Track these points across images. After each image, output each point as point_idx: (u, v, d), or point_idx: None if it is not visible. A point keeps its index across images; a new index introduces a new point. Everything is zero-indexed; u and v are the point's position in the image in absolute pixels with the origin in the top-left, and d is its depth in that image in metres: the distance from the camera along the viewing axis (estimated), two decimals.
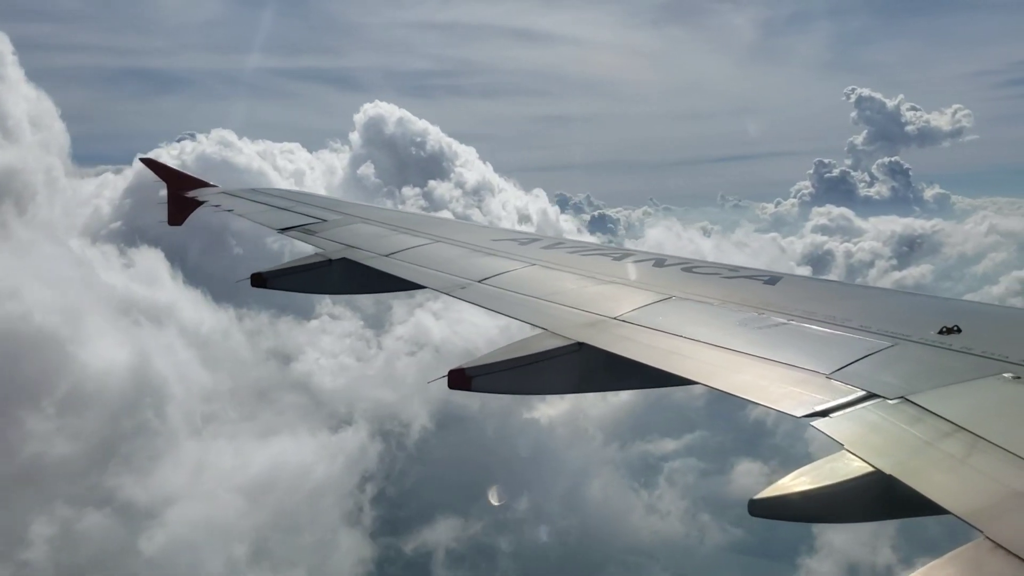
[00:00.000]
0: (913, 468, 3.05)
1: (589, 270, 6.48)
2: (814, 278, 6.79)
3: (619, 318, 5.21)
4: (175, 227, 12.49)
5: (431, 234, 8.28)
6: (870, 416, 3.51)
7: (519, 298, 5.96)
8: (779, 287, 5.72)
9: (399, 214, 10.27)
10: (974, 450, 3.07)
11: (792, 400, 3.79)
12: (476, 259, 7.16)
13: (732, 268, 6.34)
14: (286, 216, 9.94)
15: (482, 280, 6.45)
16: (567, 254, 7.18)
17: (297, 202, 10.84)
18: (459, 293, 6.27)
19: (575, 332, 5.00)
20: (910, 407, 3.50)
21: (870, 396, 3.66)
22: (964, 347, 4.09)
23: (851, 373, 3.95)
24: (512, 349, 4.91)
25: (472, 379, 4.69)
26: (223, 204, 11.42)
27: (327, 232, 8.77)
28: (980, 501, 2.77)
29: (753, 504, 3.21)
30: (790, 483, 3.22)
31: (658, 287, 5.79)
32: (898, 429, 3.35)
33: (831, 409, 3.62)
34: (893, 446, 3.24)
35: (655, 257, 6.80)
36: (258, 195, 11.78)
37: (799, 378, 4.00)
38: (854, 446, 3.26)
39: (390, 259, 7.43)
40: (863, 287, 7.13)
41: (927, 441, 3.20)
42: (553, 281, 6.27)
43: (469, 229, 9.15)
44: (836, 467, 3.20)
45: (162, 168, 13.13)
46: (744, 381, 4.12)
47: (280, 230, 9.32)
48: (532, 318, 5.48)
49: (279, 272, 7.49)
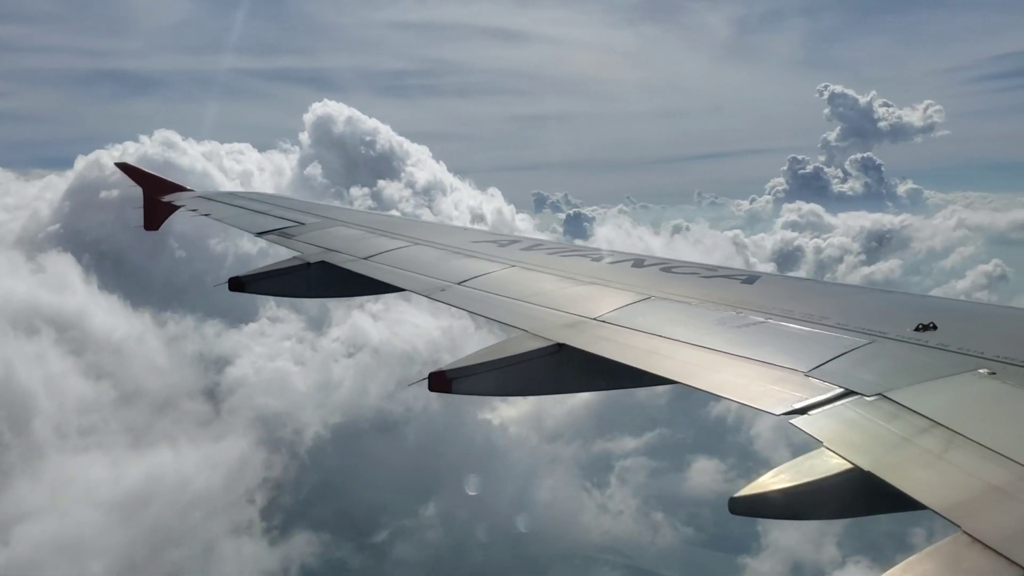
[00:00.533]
0: (891, 464, 3.07)
1: (568, 271, 6.48)
2: (792, 277, 6.84)
3: (598, 319, 5.21)
4: (151, 231, 12.39)
5: (410, 237, 8.25)
6: (848, 413, 3.53)
7: (498, 300, 5.95)
8: (757, 286, 5.75)
9: (377, 217, 10.24)
10: (951, 446, 3.09)
11: (771, 398, 3.80)
12: (455, 261, 7.15)
13: (710, 268, 6.36)
14: (263, 220, 9.87)
15: (461, 282, 6.44)
16: (546, 255, 7.18)
17: (275, 205, 10.78)
18: (438, 295, 6.24)
19: (555, 333, 4.99)
20: (887, 404, 3.52)
21: (848, 393, 3.68)
22: (940, 344, 4.12)
23: (829, 371, 3.97)
24: (492, 351, 4.90)
25: (452, 381, 4.67)
26: (199, 208, 11.33)
27: (305, 235, 8.73)
28: (957, 496, 2.79)
29: (734, 502, 3.21)
30: (769, 481, 3.23)
31: (637, 287, 5.80)
32: (876, 426, 3.37)
33: (809, 407, 3.63)
34: (871, 443, 3.26)
35: (634, 257, 6.81)
36: (235, 199, 11.71)
37: (777, 376, 4.02)
38: (832, 443, 3.27)
39: (369, 262, 7.40)
40: (840, 285, 7.18)
41: (904, 437, 3.22)
42: (532, 282, 6.27)
43: (448, 231, 9.14)
44: (815, 464, 3.21)
45: (137, 172, 13.00)
46: (723, 380, 4.13)
47: (258, 234, 9.26)
48: (512, 319, 5.47)
49: (257, 276, 7.44)
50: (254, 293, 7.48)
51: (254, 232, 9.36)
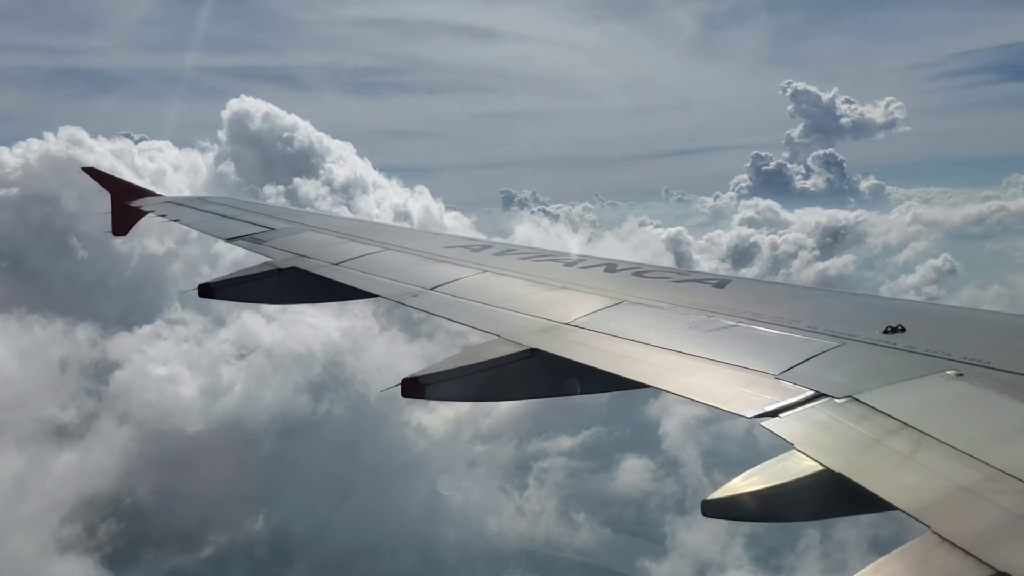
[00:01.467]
0: (861, 466, 3.10)
1: (541, 276, 6.48)
2: (762, 280, 6.88)
3: (571, 323, 5.21)
4: (120, 236, 12.25)
5: (381, 242, 8.21)
6: (819, 415, 3.55)
7: (472, 305, 5.93)
8: (728, 290, 5.78)
9: (349, 222, 10.18)
10: (920, 447, 3.12)
11: (742, 401, 3.82)
12: (428, 266, 7.12)
13: (682, 272, 6.39)
14: (233, 225, 9.78)
15: (434, 287, 6.41)
16: (519, 260, 7.17)
17: (245, 211, 10.67)
18: (411, 301, 6.21)
19: (528, 338, 4.99)
20: (857, 406, 3.55)
21: (818, 396, 3.71)
22: (908, 346, 4.17)
23: (799, 373, 3.99)
24: (466, 356, 4.88)
25: (426, 387, 4.65)
26: (168, 214, 11.21)
27: (276, 241, 8.65)
28: (927, 496, 2.82)
29: (706, 505, 3.22)
30: (741, 483, 3.24)
31: (609, 292, 5.81)
32: (846, 428, 3.40)
33: (780, 409, 3.65)
34: (842, 444, 3.28)
35: (606, 262, 6.83)
36: (206, 204, 11.58)
37: (748, 379, 4.04)
38: (804, 445, 3.29)
39: (340, 267, 7.35)
40: (810, 288, 7.27)
41: (874, 439, 3.25)
42: (505, 287, 6.26)
43: (420, 236, 9.10)
44: (787, 466, 3.23)
45: (105, 178, 12.84)
46: (694, 383, 4.15)
47: (227, 239, 9.16)
48: (485, 325, 5.46)
49: (227, 282, 7.36)
50: (224, 299, 7.40)
51: (224, 238, 9.26)
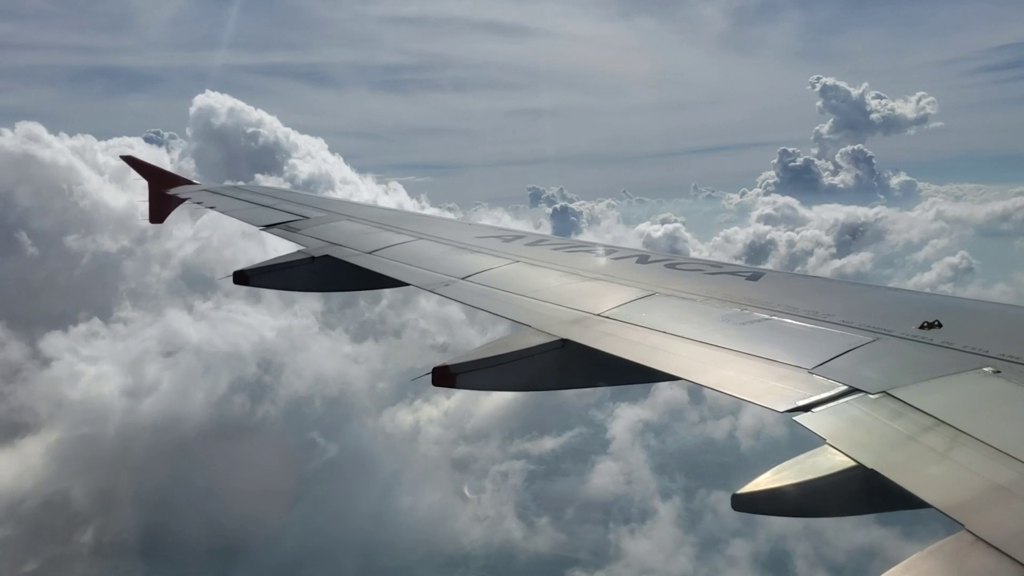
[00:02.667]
0: (895, 462, 3.07)
1: (572, 267, 6.48)
2: (797, 274, 6.82)
3: (602, 315, 5.21)
4: (156, 224, 12.44)
5: (415, 231, 8.25)
6: (852, 411, 3.52)
7: (502, 295, 5.95)
8: (761, 283, 5.74)
9: (383, 211, 10.24)
10: (955, 444, 3.09)
11: (774, 395, 3.80)
12: (459, 256, 7.14)
13: (715, 264, 6.35)
14: (268, 213, 9.88)
15: (465, 277, 6.44)
16: (551, 251, 7.17)
17: (279, 199, 10.78)
18: (442, 290, 6.24)
19: (559, 329, 4.99)
20: (892, 401, 3.51)
21: (852, 391, 3.68)
22: (945, 342, 4.11)
23: (833, 368, 3.96)
24: (496, 346, 4.90)
25: (456, 376, 4.67)
26: (204, 201, 11.35)
27: (309, 229, 8.73)
28: (961, 495, 2.79)
29: (736, 499, 3.21)
30: (771, 478, 3.22)
31: (641, 283, 5.79)
32: (880, 423, 3.37)
33: (813, 404, 3.63)
34: (875, 440, 3.25)
35: (638, 254, 6.81)
36: (240, 192, 11.71)
37: (781, 373, 4.01)
38: (836, 440, 3.27)
39: (373, 256, 7.40)
40: (845, 282, 7.16)
41: (909, 435, 3.22)
42: (536, 278, 6.27)
43: (453, 226, 9.13)
44: (818, 461, 3.21)
45: (143, 166, 13.04)
46: (727, 376, 4.13)
47: (263, 227, 9.26)
48: (516, 315, 5.47)
49: (261, 269, 7.44)
50: (258, 286, 7.49)
51: (259, 225, 9.36)
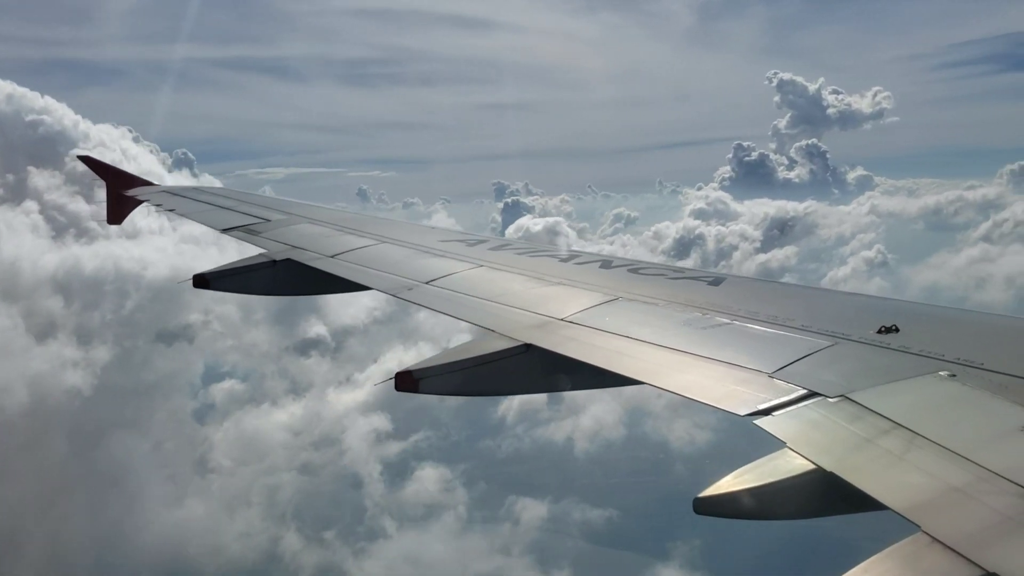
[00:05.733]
0: (853, 465, 3.10)
1: (536, 271, 6.48)
2: (758, 279, 6.89)
3: (566, 319, 5.21)
4: (115, 225, 12.22)
5: (377, 235, 8.20)
6: (811, 414, 3.56)
7: (466, 299, 5.93)
8: (723, 288, 5.79)
9: (345, 215, 10.16)
10: (912, 447, 3.13)
11: (735, 399, 3.82)
12: (423, 260, 7.11)
13: (677, 269, 6.40)
14: (229, 216, 9.75)
15: (429, 281, 6.41)
16: (515, 255, 7.17)
17: (241, 201, 10.65)
18: (406, 295, 6.21)
19: (523, 333, 4.98)
20: (850, 405, 3.55)
21: (811, 395, 3.71)
22: (902, 346, 4.17)
23: (793, 372, 4.00)
24: (460, 351, 4.88)
25: (419, 381, 4.64)
26: (164, 203, 11.18)
27: (271, 232, 8.63)
28: (918, 496, 2.82)
29: (698, 502, 3.22)
30: (732, 481, 3.24)
31: (605, 288, 5.81)
32: (839, 427, 3.40)
33: (773, 408, 3.66)
34: (834, 443, 3.29)
35: (602, 259, 6.83)
36: (201, 194, 11.56)
37: (742, 377, 4.04)
38: (796, 444, 3.30)
39: (335, 260, 7.34)
40: (805, 287, 7.27)
41: (867, 438, 3.26)
42: (500, 282, 6.26)
43: (416, 230, 9.09)
44: (778, 465, 3.23)
45: (101, 166, 12.79)
46: (688, 381, 4.15)
47: (223, 230, 9.14)
48: (480, 319, 5.45)
49: (221, 273, 7.34)
50: (218, 290, 7.38)
51: (219, 228, 9.24)
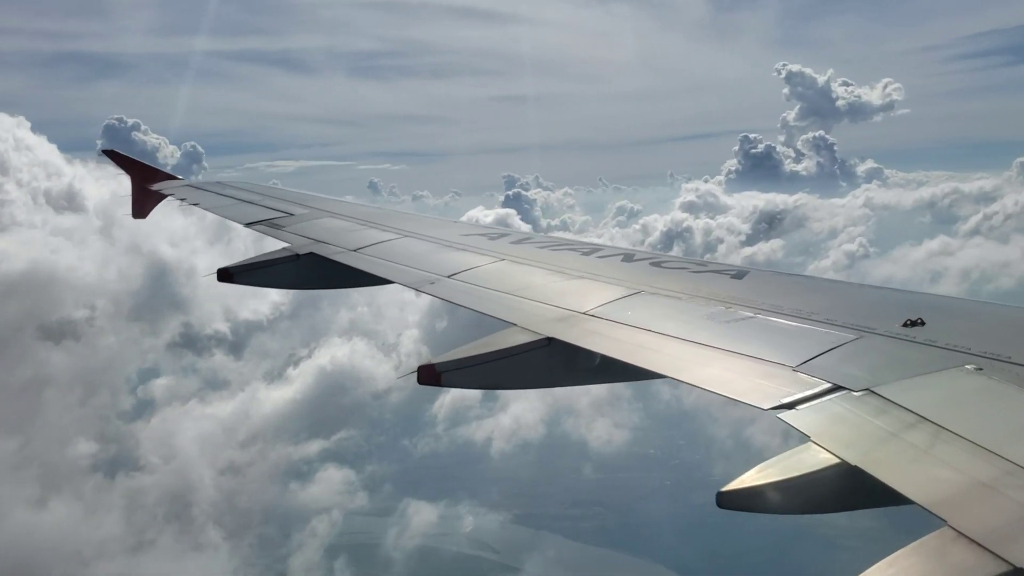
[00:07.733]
0: (878, 459, 3.08)
1: (558, 265, 6.48)
2: (781, 272, 6.86)
3: (588, 313, 5.21)
4: (140, 219, 12.35)
5: (400, 229, 8.24)
6: (836, 408, 3.54)
7: (488, 293, 5.94)
8: (746, 281, 5.76)
9: (368, 209, 10.21)
10: (937, 441, 3.11)
11: (759, 393, 3.81)
12: (445, 254, 7.13)
13: (700, 263, 6.38)
14: (252, 210, 9.83)
15: (451, 275, 6.43)
16: (536, 249, 7.17)
17: (264, 195, 10.73)
18: (428, 288, 6.24)
19: (545, 327, 4.99)
20: (875, 399, 3.53)
21: (836, 388, 3.69)
22: (928, 339, 4.14)
23: (817, 366, 3.97)
24: (482, 344, 4.89)
25: (442, 374, 4.66)
26: (188, 198, 11.29)
27: (294, 226, 8.69)
28: (944, 491, 2.80)
29: (721, 496, 3.21)
30: (756, 475, 3.23)
31: (627, 282, 5.80)
32: (863, 421, 3.38)
33: (797, 401, 3.64)
34: (858, 437, 3.27)
35: (624, 252, 6.82)
36: (225, 188, 11.65)
37: (766, 371, 4.03)
38: (820, 438, 3.28)
39: (358, 254, 7.38)
40: (829, 281, 7.17)
41: (892, 432, 3.24)
42: (522, 276, 6.26)
43: (438, 224, 9.11)
44: (802, 459, 3.22)
45: (126, 160, 12.92)
46: (711, 375, 4.14)
47: (246, 224, 9.21)
48: (501, 313, 5.46)
49: (245, 267, 7.41)
50: (242, 284, 7.45)
51: (243, 222, 9.31)
